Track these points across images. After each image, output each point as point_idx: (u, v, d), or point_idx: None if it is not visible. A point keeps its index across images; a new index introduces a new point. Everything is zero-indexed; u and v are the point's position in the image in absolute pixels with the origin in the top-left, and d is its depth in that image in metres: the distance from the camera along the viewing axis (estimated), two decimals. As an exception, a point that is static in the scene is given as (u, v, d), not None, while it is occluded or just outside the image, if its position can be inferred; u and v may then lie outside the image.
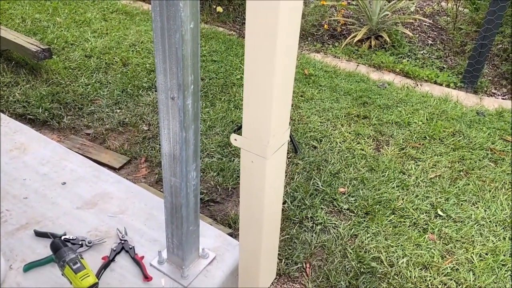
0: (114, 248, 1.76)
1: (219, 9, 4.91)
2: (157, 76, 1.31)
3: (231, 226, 2.38)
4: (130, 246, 1.78)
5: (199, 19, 1.25)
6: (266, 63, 1.20)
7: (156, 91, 3.55)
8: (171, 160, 1.44)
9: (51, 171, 2.20)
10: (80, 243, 1.76)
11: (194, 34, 1.24)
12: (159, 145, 2.90)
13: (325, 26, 4.78)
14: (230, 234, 2.14)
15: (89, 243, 1.77)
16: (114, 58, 3.96)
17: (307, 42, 4.70)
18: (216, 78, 3.82)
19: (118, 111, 3.27)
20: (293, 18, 1.21)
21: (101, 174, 2.23)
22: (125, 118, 3.18)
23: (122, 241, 1.80)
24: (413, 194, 2.66)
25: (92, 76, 3.66)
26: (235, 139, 1.38)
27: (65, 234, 1.80)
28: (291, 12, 1.18)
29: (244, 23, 5.12)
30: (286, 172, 2.77)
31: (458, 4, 4.53)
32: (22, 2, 4.92)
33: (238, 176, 2.71)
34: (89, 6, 5.02)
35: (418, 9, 5.46)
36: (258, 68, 1.22)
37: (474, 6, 4.50)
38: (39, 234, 1.81)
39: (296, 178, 2.73)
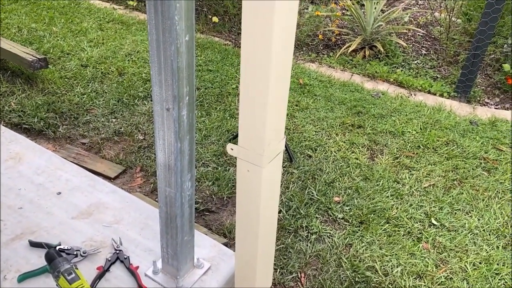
0: (109, 258, 1.77)
1: (215, 19, 4.95)
2: (152, 87, 1.32)
3: (226, 236, 2.38)
4: (125, 256, 1.78)
5: (194, 31, 1.27)
6: (261, 74, 1.22)
7: (151, 100, 3.56)
8: (166, 170, 1.45)
9: (46, 180, 2.21)
10: (75, 253, 1.77)
11: (189, 46, 1.25)
12: (154, 154, 2.90)
13: (320, 36, 4.83)
14: (225, 244, 2.15)
15: (84, 253, 1.77)
16: (110, 68, 3.98)
17: (302, 52, 4.73)
18: (212, 87, 3.84)
19: (114, 120, 3.28)
20: (288, 31, 1.24)
21: (96, 184, 2.23)
22: (121, 128, 3.19)
23: (117, 251, 1.80)
24: (407, 203, 2.67)
25: (88, 85, 3.67)
26: (232, 149, 1.39)
27: (59, 244, 1.80)
28: (286, 24, 1.20)
29: (240, 33, 5.16)
30: (281, 181, 2.78)
31: (451, 14, 4.59)
32: (18, 12, 4.94)
33: (233, 186, 2.72)
34: (85, 16, 5.05)
35: (412, 19, 5.52)
36: (253, 78, 1.24)
37: (467, 17, 4.56)
38: (33, 245, 1.81)
39: (291, 187, 2.74)
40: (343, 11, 5.55)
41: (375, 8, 4.65)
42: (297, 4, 1.22)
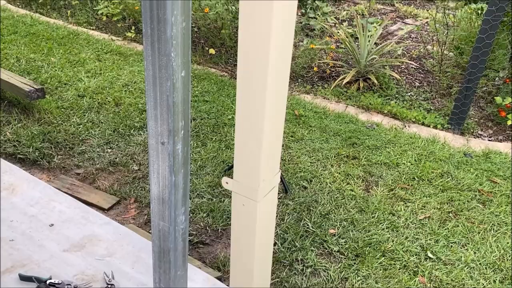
0: (100, 293, 1.73)
1: (212, 51, 5.03)
2: (148, 121, 1.33)
3: (220, 269, 2.35)
4: (117, 291, 1.75)
5: (191, 63, 1.29)
6: (256, 109, 1.24)
7: (147, 131, 3.58)
8: (160, 204, 1.44)
9: (39, 212, 2.18)
10: (66, 287, 1.73)
11: (185, 82, 1.27)
12: (149, 185, 2.90)
13: (315, 68, 4.90)
14: (219, 278, 2.12)
15: (75, 287, 1.74)
16: (107, 98, 4.01)
17: (297, 83, 4.80)
18: (208, 118, 3.87)
19: (109, 150, 3.28)
20: (282, 64, 1.26)
21: (90, 215, 2.21)
22: (116, 158, 3.18)
23: (109, 285, 1.77)
24: (403, 236, 2.66)
25: (84, 115, 3.69)
26: (227, 182, 1.40)
27: (50, 278, 1.77)
28: (280, 61, 1.23)
29: (236, 64, 5.24)
30: (276, 213, 2.77)
31: (443, 48, 4.69)
32: (17, 42, 5.01)
33: (228, 217, 2.70)
34: (83, 46, 5.12)
35: (405, 52, 5.63)
36: (248, 114, 1.26)
37: (459, 50, 4.66)
38: (24, 278, 1.78)
39: (287, 219, 2.73)
40: (338, 44, 5.66)
41: (369, 41, 4.75)
42: (292, 38, 1.25)
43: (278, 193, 2.96)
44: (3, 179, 2.40)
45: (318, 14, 6.21)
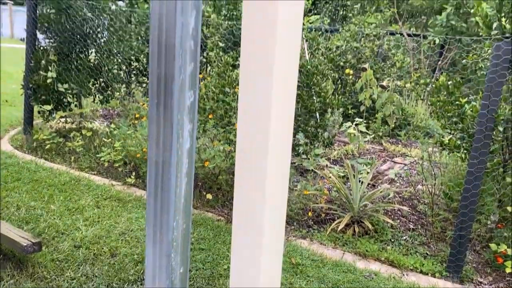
0: None
1: (209, 196, 5.17)
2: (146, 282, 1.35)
3: None
4: None
5: (189, 261, 1.35)
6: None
7: (141, 285, 3.51)
8: None
9: None
10: None
11: (183, 278, 1.32)
12: None
13: (310, 213, 5.00)
14: None
15: None
16: (102, 248, 4.00)
17: (292, 227, 4.84)
18: (203, 268, 3.82)
19: (101, 309, 3.19)
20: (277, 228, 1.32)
21: None
22: (108, 318, 3.08)
23: None
24: None
25: (79, 269, 3.65)
26: None
27: None
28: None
29: (232, 208, 5.35)
30: None
31: (433, 193, 4.85)
32: (19, 190, 5.15)
33: None
34: (84, 193, 5.26)
35: (396, 194, 5.79)
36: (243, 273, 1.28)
37: (448, 196, 4.82)
38: None
39: None
40: (331, 185, 5.84)
41: (361, 183, 4.93)
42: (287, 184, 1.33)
43: None
44: None
45: (310, 155, 6.53)
